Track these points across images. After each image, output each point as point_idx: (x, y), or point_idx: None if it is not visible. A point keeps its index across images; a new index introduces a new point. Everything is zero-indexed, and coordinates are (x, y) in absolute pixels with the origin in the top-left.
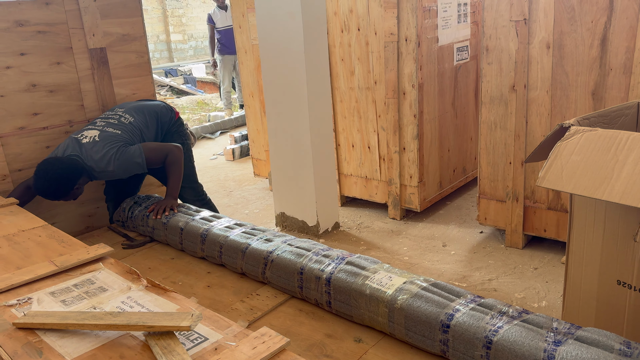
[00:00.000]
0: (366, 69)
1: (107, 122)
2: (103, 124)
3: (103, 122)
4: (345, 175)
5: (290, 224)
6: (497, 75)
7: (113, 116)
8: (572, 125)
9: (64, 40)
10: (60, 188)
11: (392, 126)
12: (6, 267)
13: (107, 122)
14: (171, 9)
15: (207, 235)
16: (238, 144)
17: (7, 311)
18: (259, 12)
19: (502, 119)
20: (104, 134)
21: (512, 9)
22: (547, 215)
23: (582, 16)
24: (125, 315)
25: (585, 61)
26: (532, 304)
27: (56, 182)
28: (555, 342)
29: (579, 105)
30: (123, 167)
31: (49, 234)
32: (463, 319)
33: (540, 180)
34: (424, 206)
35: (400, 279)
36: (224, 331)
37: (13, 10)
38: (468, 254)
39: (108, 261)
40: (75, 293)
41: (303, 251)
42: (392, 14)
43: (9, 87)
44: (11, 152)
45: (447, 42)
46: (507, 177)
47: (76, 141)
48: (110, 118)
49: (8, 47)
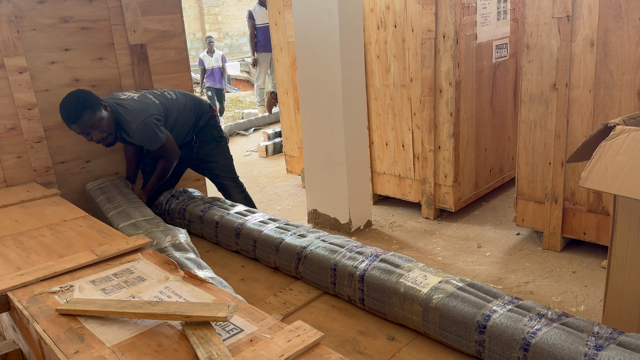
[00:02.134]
0: (402, 66)
1: (150, 91)
2: (145, 92)
3: (146, 91)
4: (378, 174)
5: (323, 221)
6: (537, 74)
7: (157, 90)
8: (618, 124)
9: (106, 36)
10: (78, 105)
11: (427, 124)
12: (49, 255)
13: (151, 91)
14: (207, 7)
15: (242, 229)
16: (271, 140)
17: (50, 298)
18: (296, 9)
19: (542, 118)
20: (144, 97)
21: (554, 6)
22: (587, 218)
23: (628, 13)
24: (163, 305)
25: (631, 59)
26: (570, 308)
27: (75, 99)
28: (597, 346)
29: (624, 105)
30: (144, 132)
31: (89, 225)
32: (500, 320)
33: (583, 181)
34: (459, 206)
35: (436, 278)
36: (259, 323)
37: (59, 7)
38: (504, 255)
39: (146, 252)
40: (114, 282)
41: (337, 247)
42: (429, 11)
43: (54, 82)
44: (54, 144)
45: (485, 39)
46: (546, 178)
47: (114, 94)
48: (155, 90)
49: (53, 43)
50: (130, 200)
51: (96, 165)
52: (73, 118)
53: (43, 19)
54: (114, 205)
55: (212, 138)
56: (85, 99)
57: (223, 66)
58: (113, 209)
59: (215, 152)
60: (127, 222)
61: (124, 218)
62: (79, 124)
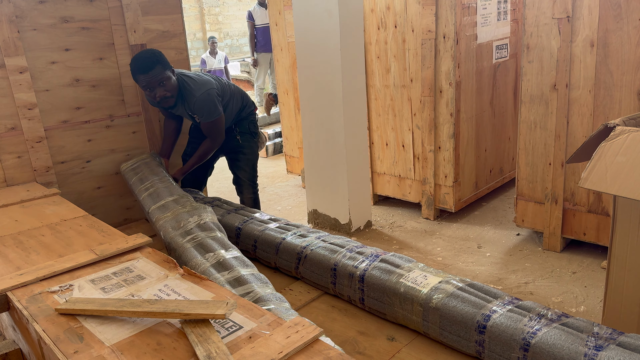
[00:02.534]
0: (402, 67)
1: (205, 73)
2: (201, 73)
3: (201, 73)
4: (378, 174)
5: (323, 221)
6: (537, 74)
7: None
8: (618, 125)
9: (107, 36)
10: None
11: (427, 124)
12: (49, 254)
13: (206, 73)
14: (208, 7)
15: (242, 229)
16: (271, 141)
17: (50, 297)
18: (296, 9)
19: (542, 118)
20: (204, 75)
21: (554, 6)
22: (587, 218)
23: (628, 13)
24: (162, 303)
25: (631, 60)
26: (570, 308)
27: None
28: (597, 347)
29: (624, 105)
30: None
31: (89, 224)
32: (500, 320)
33: (583, 181)
34: (459, 206)
35: (436, 278)
36: (258, 320)
37: (59, 7)
38: (504, 256)
39: (146, 250)
40: (114, 281)
41: (337, 247)
42: (430, 11)
43: (54, 82)
44: (55, 144)
45: (486, 39)
46: (546, 179)
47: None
48: (209, 74)
49: (54, 43)
50: (161, 179)
51: (96, 165)
52: (145, 68)
53: (43, 19)
54: (145, 187)
55: (249, 131)
56: (160, 55)
57: (225, 67)
58: (145, 191)
59: (247, 145)
60: (157, 204)
61: (154, 199)
62: (149, 76)
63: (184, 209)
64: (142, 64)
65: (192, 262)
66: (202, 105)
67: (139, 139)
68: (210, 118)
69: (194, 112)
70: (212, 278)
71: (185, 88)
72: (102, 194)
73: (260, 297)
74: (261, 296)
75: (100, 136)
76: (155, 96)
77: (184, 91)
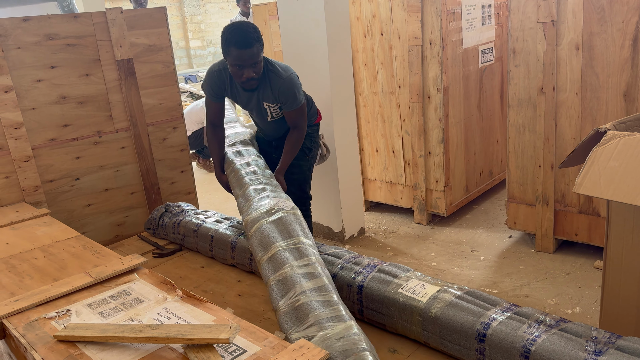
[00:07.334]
0: (390, 73)
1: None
2: None
3: None
4: (369, 180)
5: (316, 230)
6: (524, 78)
7: None
8: (609, 129)
9: (92, 52)
10: (255, 35)
11: (417, 130)
12: (43, 278)
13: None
14: (190, 16)
15: (237, 242)
16: None
17: (47, 324)
18: (283, 19)
19: (530, 121)
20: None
21: (539, 11)
22: (578, 219)
23: (612, 16)
24: (163, 328)
25: (617, 62)
26: (566, 310)
27: (253, 28)
28: (596, 351)
29: (610, 106)
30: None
31: (82, 245)
32: (499, 328)
33: (577, 187)
34: (451, 210)
35: (434, 287)
36: (262, 343)
37: (44, 25)
38: (498, 259)
39: (142, 272)
40: (112, 304)
41: (333, 258)
42: (416, 18)
43: (40, 100)
44: (43, 163)
45: (471, 44)
46: (536, 181)
47: None
48: None
49: (39, 61)
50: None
51: (86, 183)
52: (244, 44)
53: (28, 37)
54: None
55: (303, 145)
56: (259, 33)
57: None
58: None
59: (296, 163)
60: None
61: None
62: (245, 53)
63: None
64: (242, 38)
65: None
66: (288, 88)
67: (128, 154)
68: (297, 103)
69: (278, 97)
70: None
71: (270, 70)
72: (92, 211)
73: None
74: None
75: (88, 153)
76: (241, 75)
77: (270, 74)
